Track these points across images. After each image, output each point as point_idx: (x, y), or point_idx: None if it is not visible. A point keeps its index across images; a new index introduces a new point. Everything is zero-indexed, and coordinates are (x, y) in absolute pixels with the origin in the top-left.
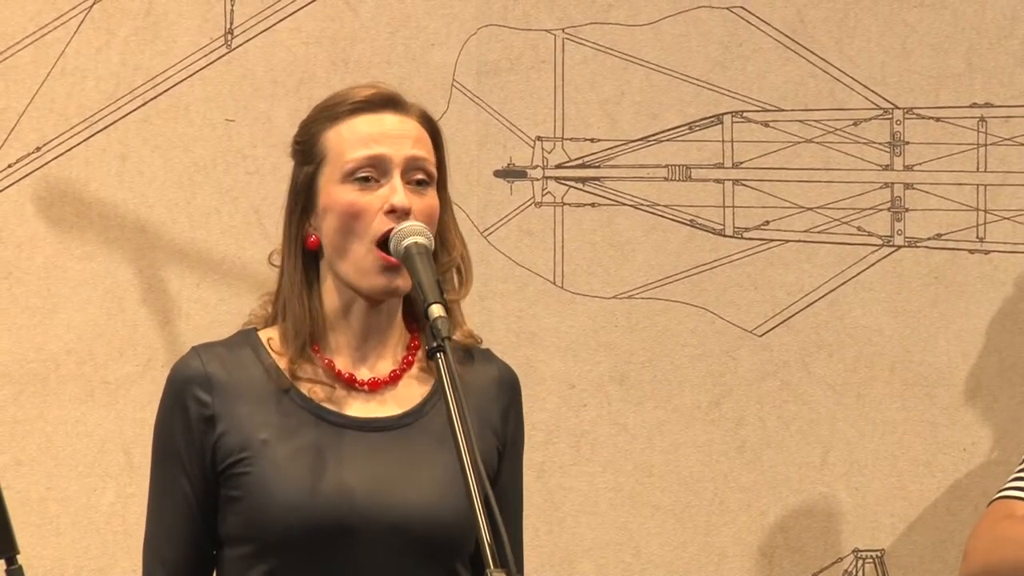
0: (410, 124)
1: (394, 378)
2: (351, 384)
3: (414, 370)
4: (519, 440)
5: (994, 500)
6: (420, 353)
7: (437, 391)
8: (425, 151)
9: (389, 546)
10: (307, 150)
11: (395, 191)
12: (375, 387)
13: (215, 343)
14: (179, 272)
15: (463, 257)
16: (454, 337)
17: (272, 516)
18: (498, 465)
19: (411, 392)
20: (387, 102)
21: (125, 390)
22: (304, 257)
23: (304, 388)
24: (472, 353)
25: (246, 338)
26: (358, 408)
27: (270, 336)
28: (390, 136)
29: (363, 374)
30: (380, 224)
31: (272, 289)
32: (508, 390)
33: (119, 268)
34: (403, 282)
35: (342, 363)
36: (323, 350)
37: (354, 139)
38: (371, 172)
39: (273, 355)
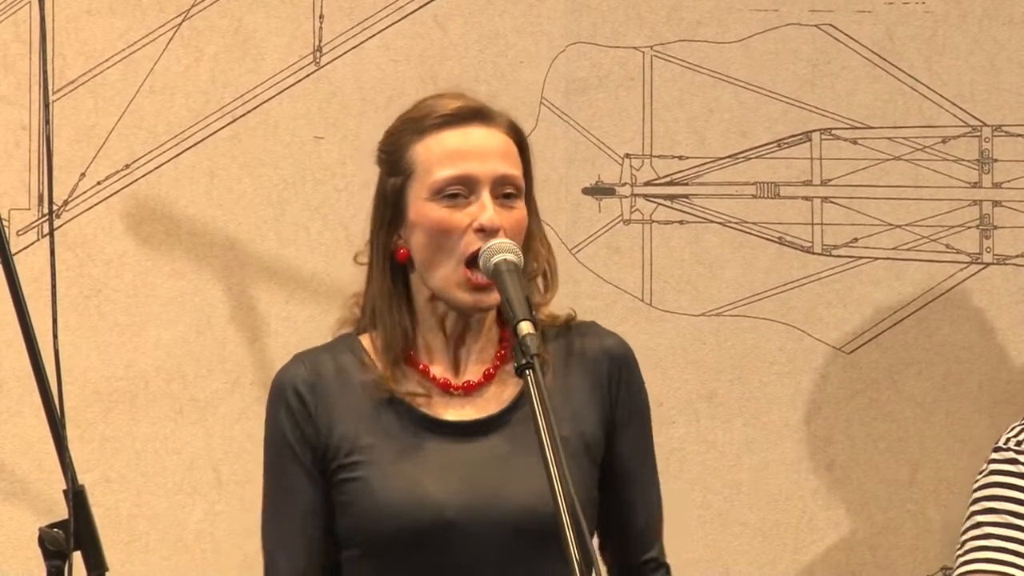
0: (497, 137)
1: (488, 377)
2: (446, 388)
3: (507, 365)
4: (639, 411)
5: (964, 574)
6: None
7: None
8: (512, 165)
9: (496, 541)
10: (394, 161)
11: (484, 209)
12: (470, 389)
13: (317, 349)
14: (268, 289)
15: (549, 263)
16: (542, 319)
17: (379, 519)
18: (610, 437)
19: (505, 389)
20: (474, 115)
21: (214, 408)
22: (393, 268)
23: (403, 394)
24: (572, 327)
25: (347, 344)
26: (454, 412)
27: (370, 346)
28: (477, 152)
29: (457, 378)
30: (469, 242)
31: (359, 290)
32: (619, 361)
33: (208, 285)
34: (491, 299)
35: (437, 368)
36: (417, 355)
37: (442, 155)
38: (460, 189)
39: (373, 363)
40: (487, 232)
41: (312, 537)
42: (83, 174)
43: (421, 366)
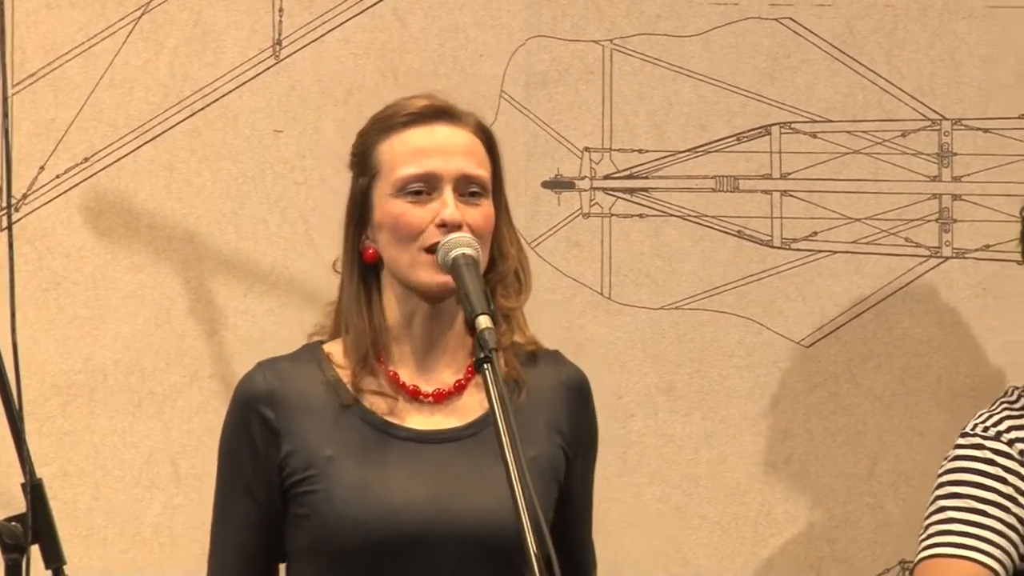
0: (463, 136)
1: (459, 388)
2: (415, 396)
3: (478, 378)
4: (591, 443)
5: (925, 559)
6: None
7: (503, 397)
8: (477, 163)
9: (458, 556)
10: (362, 162)
11: (446, 205)
12: (440, 398)
13: (280, 358)
14: (227, 283)
15: (520, 263)
16: (517, 340)
17: (339, 532)
18: (567, 468)
19: (475, 402)
20: (440, 114)
21: (172, 401)
22: (362, 269)
23: (367, 402)
24: (538, 356)
25: (311, 353)
26: (422, 420)
27: (333, 350)
28: (442, 150)
29: (428, 385)
30: (430, 235)
31: (334, 298)
32: (577, 393)
33: (167, 279)
34: None
35: (407, 374)
36: (387, 361)
37: (406, 153)
38: (422, 187)
39: (336, 369)
40: (449, 227)
41: (247, 552)
42: (42, 167)
43: (390, 372)
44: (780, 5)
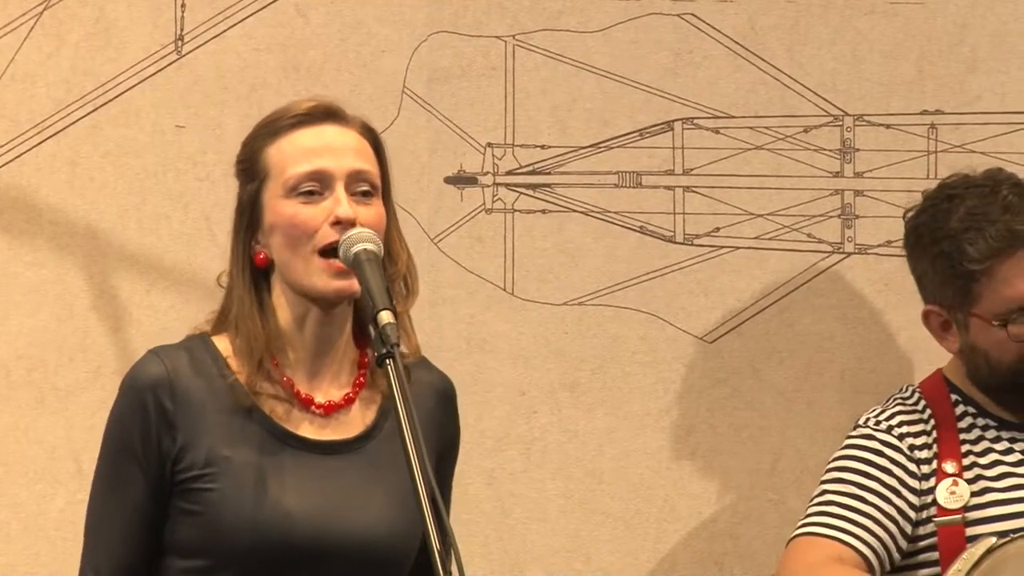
0: (351, 136)
1: (347, 401)
2: (307, 405)
3: (365, 391)
4: (454, 446)
5: (798, 535)
6: (369, 370)
7: (386, 411)
8: (367, 163)
9: (342, 567)
10: (249, 168)
11: (339, 202)
12: (330, 411)
13: (174, 347)
14: (129, 278)
15: (408, 268)
16: (402, 350)
17: (232, 534)
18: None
19: (362, 414)
20: (327, 115)
21: (75, 397)
22: (253, 274)
23: (266, 406)
24: (410, 366)
25: (203, 345)
26: (315, 430)
27: (226, 348)
28: (331, 149)
29: (319, 397)
30: (325, 235)
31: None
32: (445, 400)
33: (69, 274)
34: (355, 286)
35: (300, 381)
36: (281, 365)
37: (295, 153)
38: (314, 186)
39: (232, 369)
40: (343, 224)
41: (135, 538)
42: None
43: (285, 378)
44: (682, 1)
